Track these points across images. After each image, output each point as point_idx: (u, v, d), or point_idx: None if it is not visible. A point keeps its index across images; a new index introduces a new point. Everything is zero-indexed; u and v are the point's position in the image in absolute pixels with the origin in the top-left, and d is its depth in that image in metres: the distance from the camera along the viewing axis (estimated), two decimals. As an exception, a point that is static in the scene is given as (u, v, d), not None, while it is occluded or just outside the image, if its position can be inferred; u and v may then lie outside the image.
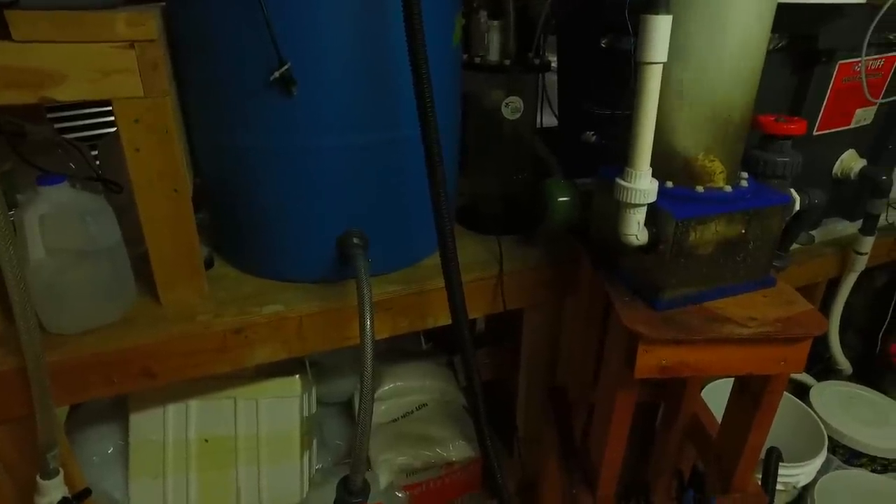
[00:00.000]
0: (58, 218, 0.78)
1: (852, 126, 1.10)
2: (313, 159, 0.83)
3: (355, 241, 0.86)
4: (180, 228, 0.84)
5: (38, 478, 0.80)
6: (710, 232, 0.72)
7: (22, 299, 0.71)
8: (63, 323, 0.82)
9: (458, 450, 1.29)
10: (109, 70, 0.71)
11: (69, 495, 0.83)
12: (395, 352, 1.40)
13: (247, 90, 0.79)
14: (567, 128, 1.26)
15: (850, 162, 1.13)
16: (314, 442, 1.21)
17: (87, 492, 0.88)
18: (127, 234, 0.86)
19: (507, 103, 1.02)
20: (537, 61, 1.03)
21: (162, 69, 0.74)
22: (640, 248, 0.73)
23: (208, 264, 0.97)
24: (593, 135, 1.06)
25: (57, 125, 1.61)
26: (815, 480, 1.20)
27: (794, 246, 1.03)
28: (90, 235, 0.81)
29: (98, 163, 1.08)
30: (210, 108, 0.86)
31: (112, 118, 0.75)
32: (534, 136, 1.13)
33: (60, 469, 0.82)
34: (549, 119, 1.26)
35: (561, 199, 0.87)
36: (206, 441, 1.05)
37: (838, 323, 1.36)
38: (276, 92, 0.78)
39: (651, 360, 0.72)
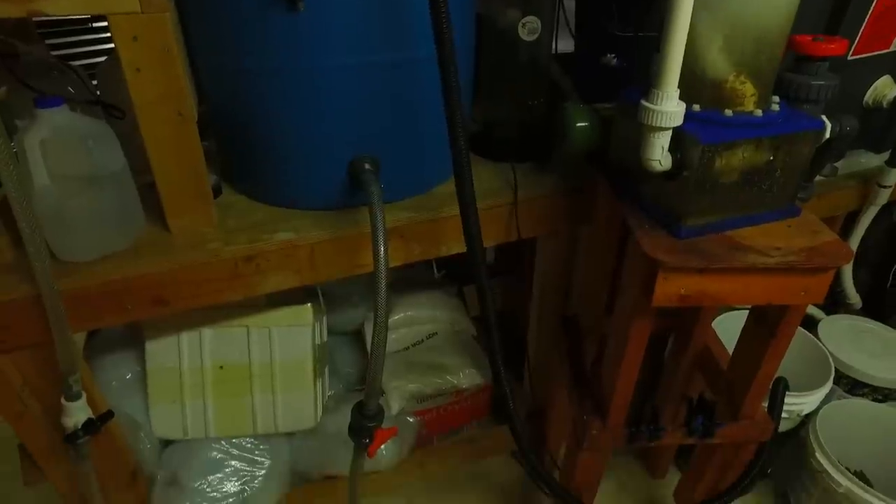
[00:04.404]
0: (59, 143, 0.76)
1: (891, 49, 1.04)
2: (321, 80, 0.79)
3: (367, 166, 0.83)
4: (186, 153, 0.81)
5: (62, 400, 0.83)
6: (737, 158, 0.69)
7: (29, 225, 0.70)
8: (73, 250, 0.81)
9: (467, 377, 1.31)
10: (103, -19, 0.66)
11: (94, 416, 0.85)
12: (405, 281, 1.40)
13: (251, 7, 0.75)
14: (584, 51, 1.20)
15: (885, 89, 1.07)
16: (326, 369, 1.23)
17: (109, 414, 0.90)
18: (133, 163, 0.84)
19: (523, 23, 0.96)
20: (557, -24, 0.96)
21: (159, -19, 0.69)
22: (663, 175, 0.70)
23: (216, 192, 0.95)
24: (614, 57, 1.01)
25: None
26: (817, 409, 1.22)
27: (817, 178, 1.00)
28: (94, 160, 0.79)
29: (98, 93, 1.04)
30: (213, 28, 0.81)
31: (111, 45, 0.71)
32: (550, 59, 1.08)
33: (83, 392, 0.83)
34: (563, 44, 1.20)
35: (580, 124, 0.83)
36: (222, 368, 1.07)
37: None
38: (282, 8, 0.73)
39: (670, 289, 0.71)
